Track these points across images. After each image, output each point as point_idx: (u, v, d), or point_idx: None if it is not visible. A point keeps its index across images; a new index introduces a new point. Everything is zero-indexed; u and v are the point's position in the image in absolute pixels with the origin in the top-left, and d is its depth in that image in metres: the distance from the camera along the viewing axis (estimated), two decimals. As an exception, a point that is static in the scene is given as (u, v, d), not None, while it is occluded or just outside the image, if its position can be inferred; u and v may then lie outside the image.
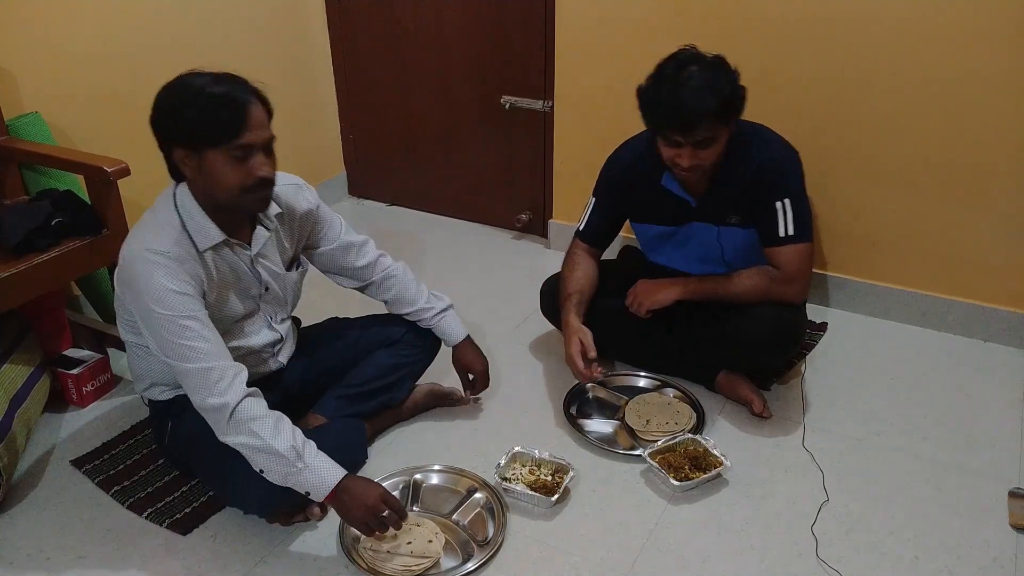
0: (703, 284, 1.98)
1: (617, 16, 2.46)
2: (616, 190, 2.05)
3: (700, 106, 1.70)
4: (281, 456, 1.44)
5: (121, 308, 1.62)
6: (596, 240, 2.11)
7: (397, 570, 1.52)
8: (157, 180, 2.52)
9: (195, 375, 1.45)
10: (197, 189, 1.49)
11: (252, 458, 1.46)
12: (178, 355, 1.45)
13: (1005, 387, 2.12)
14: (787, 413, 2.02)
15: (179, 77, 1.44)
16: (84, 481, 1.79)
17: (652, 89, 1.77)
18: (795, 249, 1.88)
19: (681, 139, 1.75)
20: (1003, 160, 2.13)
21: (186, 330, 1.44)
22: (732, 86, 1.76)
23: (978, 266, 2.28)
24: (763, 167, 1.86)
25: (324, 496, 1.48)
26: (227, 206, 1.49)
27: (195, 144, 1.41)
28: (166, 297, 1.43)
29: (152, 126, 1.45)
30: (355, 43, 3.09)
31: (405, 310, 1.91)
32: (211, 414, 1.46)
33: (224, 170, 1.42)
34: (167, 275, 1.44)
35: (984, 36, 2.03)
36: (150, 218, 1.52)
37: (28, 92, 2.16)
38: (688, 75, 1.72)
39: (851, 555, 1.59)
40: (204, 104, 1.38)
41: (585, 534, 1.65)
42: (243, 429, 1.44)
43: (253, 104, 1.42)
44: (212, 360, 1.45)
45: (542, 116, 2.81)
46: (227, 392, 1.44)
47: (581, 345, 1.92)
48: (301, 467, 1.45)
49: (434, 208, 3.26)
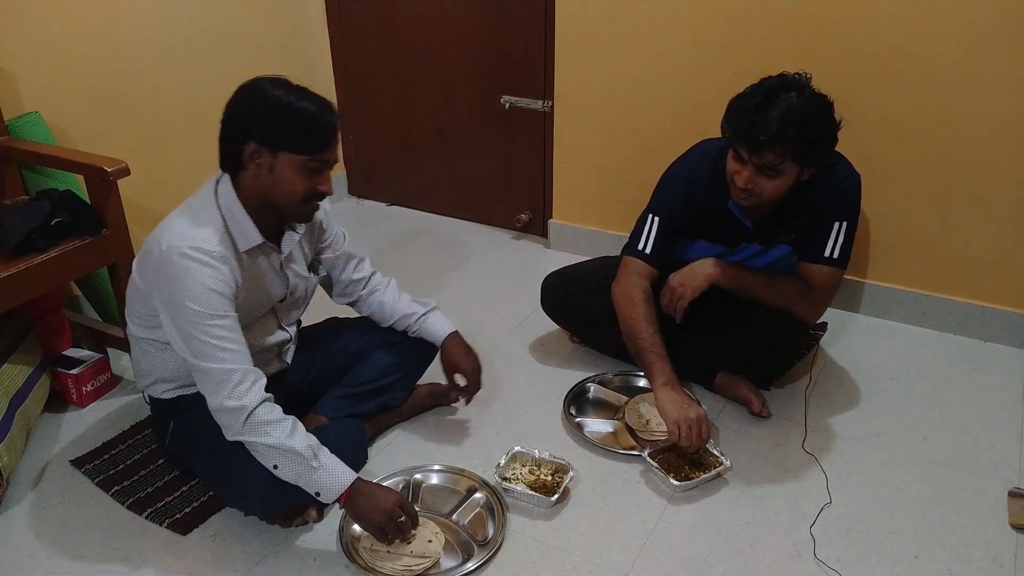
0: (740, 275, 1.90)
1: (617, 16, 2.46)
2: (687, 209, 1.92)
3: (777, 131, 1.62)
4: (298, 453, 1.46)
5: (137, 299, 1.60)
6: (660, 261, 1.93)
7: (397, 570, 1.52)
8: (157, 180, 2.54)
9: (216, 375, 1.46)
10: (252, 185, 1.50)
11: (265, 455, 1.47)
12: (202, 354, 1.46)
13: (1005, 387, 2.12)
14: (787, 413, 2.02)
15: (273, 81, 1.49)
16: (84, 481, 1.79)
17: (745, 95, 1.70)
18: (831, 272, 1.86)
19: (746, 156, 1.69)
20: (1003, 160, 2.13)
21: (217, 329, 1.45)
22: (821, 129, 1.67)
23: (978, 266, 2.28)
24: (836, 186, 1.82)
25: (336, 497, 1.49)
26: (279, 209, 1.53)
27: (276, 145, 1.46)
28: (203, 295, 1.44)
29: (232, 115, 1.48)
30: (355, 43, 3.09)
31: (388, 322, 1.91)
32: (226, 415, 1.47)
33: (294, 177, 1.47)
34: (209, 274, 1.45)
35: (984, 36, 2.03)
36: (190, 213, 1.51)
37: (28, 92, 2.16)
38: (786, 98, 1.64)
39: (851, 555, 1.59)
40: (302, 115, 1.45)
41: (585, 534, 1.65)
42: (258, 432, 1.46)
43: (339, 127, 1.52)
44: (236, 362, 1.47)
45: (542, 116, 2.81)
46: (246, 396, 1.46)
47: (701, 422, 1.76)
48: (316, 466, 1.47)
49: (434, 208, 3.26)
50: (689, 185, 1.91)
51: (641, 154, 2.57)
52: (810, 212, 1.84)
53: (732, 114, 1.71)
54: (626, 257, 1.95)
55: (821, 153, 1.72)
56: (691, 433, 1.74)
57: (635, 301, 1.88)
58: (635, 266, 1.92)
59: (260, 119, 1.45)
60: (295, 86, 1.49)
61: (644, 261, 1.92)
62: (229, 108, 1.49)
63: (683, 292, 1.90)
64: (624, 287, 1.92)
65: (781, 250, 1.94)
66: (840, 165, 1.84)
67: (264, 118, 1.45)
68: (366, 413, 1.87)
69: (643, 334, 1.86)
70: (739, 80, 1.77)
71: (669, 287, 1.93)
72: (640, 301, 1.88)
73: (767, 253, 1.95)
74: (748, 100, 1.68)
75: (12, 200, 2.04)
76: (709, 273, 1.89)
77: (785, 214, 1.86)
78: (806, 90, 1.68)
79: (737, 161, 1.73)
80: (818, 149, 1.70)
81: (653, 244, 1.91)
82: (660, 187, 1.97)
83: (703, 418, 1.76)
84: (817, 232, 1.85)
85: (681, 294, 1.90)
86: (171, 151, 2.60)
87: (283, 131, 1.45)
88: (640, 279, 1.91)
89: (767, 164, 1.67)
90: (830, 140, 1.71)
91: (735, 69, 2.31)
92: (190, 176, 2.66)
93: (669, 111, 2.49)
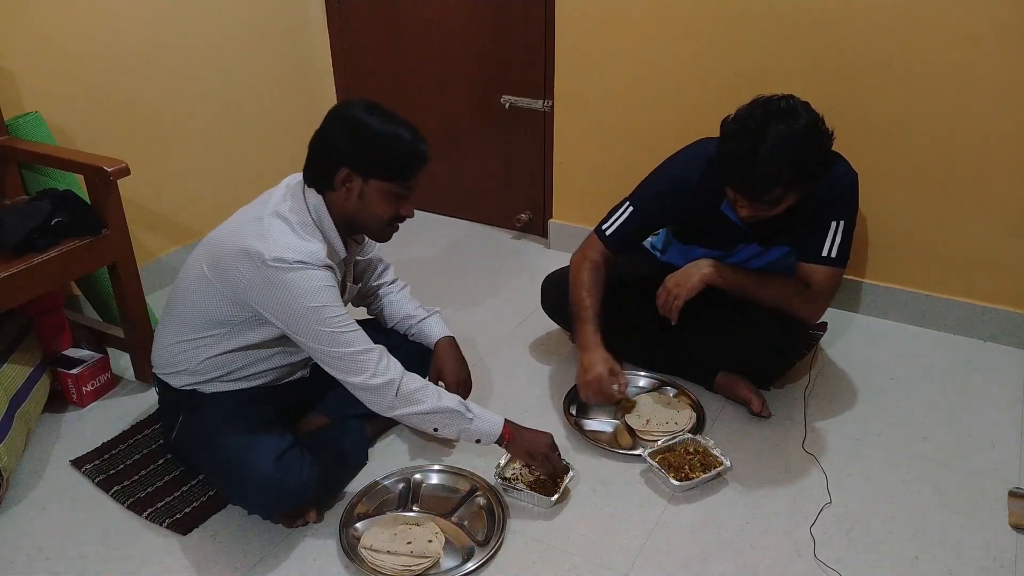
0: (736, 275, 1.91)
1: (617, 16, 2.46)
2: (663, 206, 1.95)
3: (773, 178, 1.62)
4: (454, 411, 1.59)
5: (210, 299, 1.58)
6: (621, 248, 2.00)
7: (397, 570, 1.52)
8: (157, 180, 2.55)
9: (355, 358, 1.54)
10: (340, 205, 1.58)
11: (423, 421, 1.59)
12: (336, 341, 1.53)
13: (1005, 387, 2.12)
14: (787, 413, 2.02)
15: (367, 108, 1.53)
16: (84, 481, 1.79)
17: (732, 139, 1.67)
18: (830, 272, 1.86)
19: (747, 202, 1.71)
20: (1003, 160, 2.13)
21: (341, 318, 1.53)
22: (817, 162, 1.66)
23: (978, 266, 2.28)
24: (833, 185, 1.81)
25: (496, 439, 1.64)
26: (361, 229, 1.64)
27: (369, 173, 1.53)
28: (320, 292, 1.51)
29: (326, 139, 1.55)
30: (355, 43, 3.09)
31: (392, 322, 1.93)
32: (374, 393, 1.56)
33: (382, 202, 1.57)
34: (322, 275, 1.53)
35: (984, 36, 2.03)
36: (288, 225, 1.54)
37: (28, 92, 2.16)
38: (774, 134, 1.61)
39: (851, 555, 1.59)
40: (397, 146, 1.53)
41: (585, 534, 1.65)
42: (410, 399, 1.57)
43: (429, 157, 1.58)
44: (367, 343, 1.56)
45: (542, 116, 2.81)
46: (388, 370, 1.56)
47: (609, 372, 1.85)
48: (472, 417, 1.61)
49: (434, 208, 3.25)
50: (675, 185, 1.92)
51: (641, 154, 2.55)
52: (807, 212, 1.84)
53: (724, 162, 1.70)
54: (592, 234, 2.04)
55: (820, 175, 1.72)
56: (588, 391, 1.87)
57: (580, 270, 1.99)
58: (595, 244, 2.01)
59: (356, 147, 1.52)
60: (387, 113, 1.55)
61: (603, 243, 2.00)
62: (323, 132, 1.56)
63: (678, 293, 1.90)
64: (578, 258, 2.02)
65: (779, 251, 1.94)
66: (837, 164, 1.84)
67: (360, 147, 1.52)
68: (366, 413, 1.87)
69: (575, 297, 1.97)
70: (739, 80, 1.77)
71: (665, 288, 1.94)
72: (583, 270, 1.98)
73: (766, 254, 1.95)
74: (738, 144, 1.65)
75: (12, 200, 2.04)
76: (704, 274, 1.90)
77: (782, 215, 1.86)
78: (792, 118, 1.63)
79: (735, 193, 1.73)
80: (817, 175, 1.71)
81: (617, 230, 1.98)
82: (646, 181, 1.99)
83: (601, 377, 1.85)
84: (815, 232, 1.85)
85: (676, 294, 1.91)
86: (171, 151, 2.60)
87: (378, 160, 1.53)
88: (595, 254, 2.00)
89: (769, 202, 1.69)
90: (826, 161, 1.71)
91: (735, 69, 2.31)
92: (190, 176, 2.68)
93: (669, 111, 2.49)
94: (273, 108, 2.91)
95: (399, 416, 1.58)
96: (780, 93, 1.70)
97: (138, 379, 2.15)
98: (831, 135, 1.69)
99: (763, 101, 1.68)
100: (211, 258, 1.58)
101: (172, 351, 1.68)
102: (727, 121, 1.72)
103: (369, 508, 1.69)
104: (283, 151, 2.93)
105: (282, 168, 1.75)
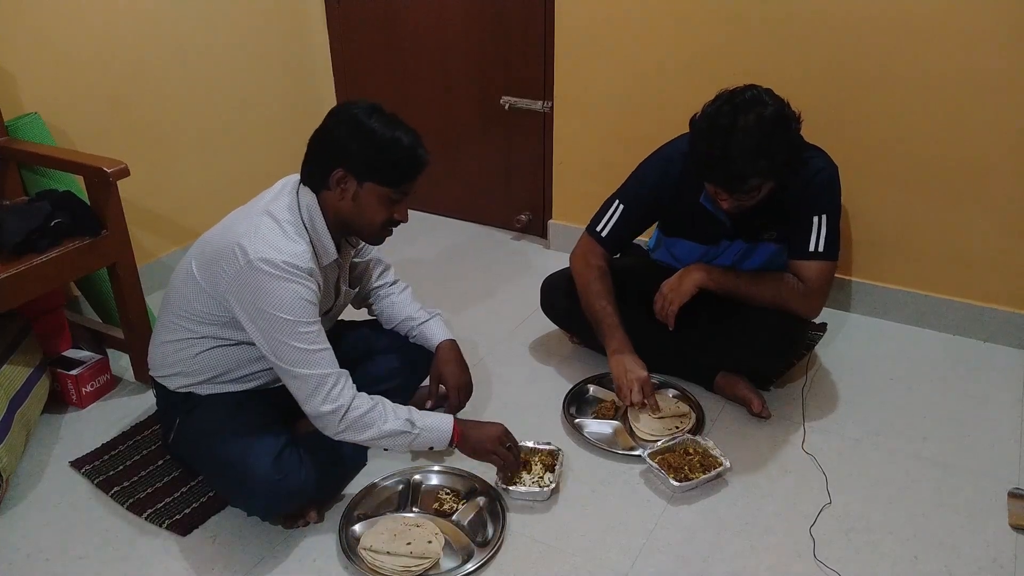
0: (727, 277, 1.92)
1: (617, 16, 2.46)
2: (651, 201, 2.00)
3: (749, 170, 1.66)
4: (399, 432, 1.58)
5: (197, 297, 1.58)
6: (616, 246, 2.05)
7: (397, 570, 1.52)
8: (157, 180, 2.55)
9: (311, 381, 1.51)
10: (334, 206, 1.56)
11: (373, 443, 1.58)
12: (295, 361, 1.50)
13: (1005, 387, 2.12)
14: (786, 413, 2.02)
15: (369, 110, 1.52)
16: (84, 482, 1.79)
17: (703, 138, 1.70)
18: (821, 266, 1.87)
19: (726, 196, 1.74)
20: (1003, 160, 2.13)
21: (308, 336, 1.50)
22: (789, 148, 1.69)
23: (978, 266, 2.28)
24: (809, 181, 1.83)
25: (448, 443, 1.64)
26: (354, 231, 1.62)
27: (364, 176, 1.52)
28: (295, 305, 1.48)
29: (326, 139, 1.54)
30: (355, 43, 3.09)
31: (393, 324, 1.92)
32: (324, 419, 1.53)
33: (377, 206, 1.55)
34: (301, 286, 1.49)
35: (984, 36, 2.03)
36: (275, 223, 1.52)
37: (28, 92, 2.17)
38: (743, 127, 1.64)
39: (850, 555, 1.59)
40: (396, 150, 1.51)
41: (585, 534, 1.65)
42: (356, 426, 1.54)
43: (428, 163, 1.57)
44: (327, 367, 1.53)
45: (542, 117, 2.81)
46: (339, 397, 1.53)
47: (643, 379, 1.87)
48: (418, 432, 1.59)
49: (434, 208, 3.25)
50: (659, 180, 1.97)
51: (641, 154, 2.54)
52: (789, 207, 1.86)
53: (700, 161, 1.73)
54: (585, 235, 2.06)
55: (794, 163, 1.74)
56: (631, 392, 1.85)
57: (590, 279, 2.00)
58: (592, 246, 2.04)
59: (354, 149, 1.51)
60: (388, 116, 1.54)
61: (599, 243, 2.03)
62: (323, 130, 1.55)
63: (673, 298, 1.93)
64: (581, 265, 2.04)
65: (768, 249, 1.95)
66: (815, 159, 1.85)
67: (359, 149, 1.51)
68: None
69: (596, 307, 1.97)
70: (739, 80, 1.77)
71: (660, 294, 1.97)
72: (594, 279, 1.99)
73: (755, 254, 1.96)
74: (712, 141, 1.67)
75: (12, 201, 2.04)
76: (696, 278, 1.92)
77: (763, 208, 1.87)
78: (760, 105, 1.67)
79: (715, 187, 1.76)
80: (791, 164, 1.73)
81: (611, 229, 2.01)
82: (632, 177, 2.02)
83: (645, 380, 1.87)
84: (799, 228, 1.87)
85: (671, 300, 1.93)
86: (171, 151, 2.60)
87: (375, 164, 1.51)
88: (595, 258, 2.03)
89: (749, 191, 1.71)
90: (797, 149, 1.73)
91: (735, 69, 2.31)
92: (189, 177, 2.68)
93: (669, 112, 2.48)
94: (273, 109, 2.91)
95: (348, 440, 1.57)
96: (742, 85, 1.73)
97: (138, 380, 2.15)
98: (799, 118, 1.72)
99: (727, 96, 1.71)
100: (199, 255, 1.58)
101: (165, 350, 1.68)
102: (695, 120, 1.75)
103: (369, 509, 1.69)
104: (282, 152, 2.93)
105: (281, 169, 1.74)
